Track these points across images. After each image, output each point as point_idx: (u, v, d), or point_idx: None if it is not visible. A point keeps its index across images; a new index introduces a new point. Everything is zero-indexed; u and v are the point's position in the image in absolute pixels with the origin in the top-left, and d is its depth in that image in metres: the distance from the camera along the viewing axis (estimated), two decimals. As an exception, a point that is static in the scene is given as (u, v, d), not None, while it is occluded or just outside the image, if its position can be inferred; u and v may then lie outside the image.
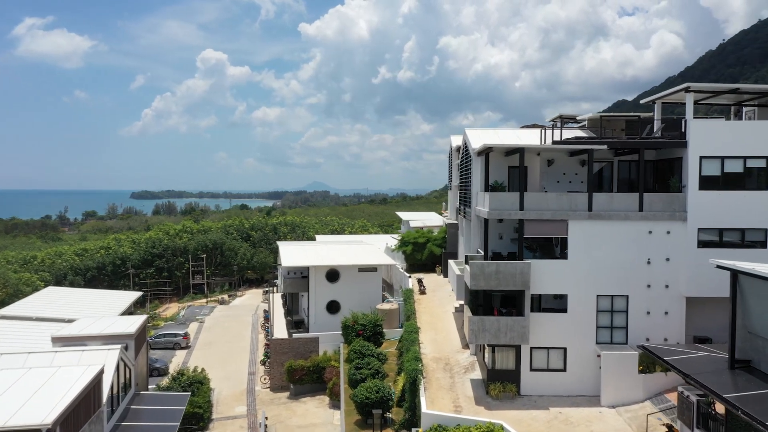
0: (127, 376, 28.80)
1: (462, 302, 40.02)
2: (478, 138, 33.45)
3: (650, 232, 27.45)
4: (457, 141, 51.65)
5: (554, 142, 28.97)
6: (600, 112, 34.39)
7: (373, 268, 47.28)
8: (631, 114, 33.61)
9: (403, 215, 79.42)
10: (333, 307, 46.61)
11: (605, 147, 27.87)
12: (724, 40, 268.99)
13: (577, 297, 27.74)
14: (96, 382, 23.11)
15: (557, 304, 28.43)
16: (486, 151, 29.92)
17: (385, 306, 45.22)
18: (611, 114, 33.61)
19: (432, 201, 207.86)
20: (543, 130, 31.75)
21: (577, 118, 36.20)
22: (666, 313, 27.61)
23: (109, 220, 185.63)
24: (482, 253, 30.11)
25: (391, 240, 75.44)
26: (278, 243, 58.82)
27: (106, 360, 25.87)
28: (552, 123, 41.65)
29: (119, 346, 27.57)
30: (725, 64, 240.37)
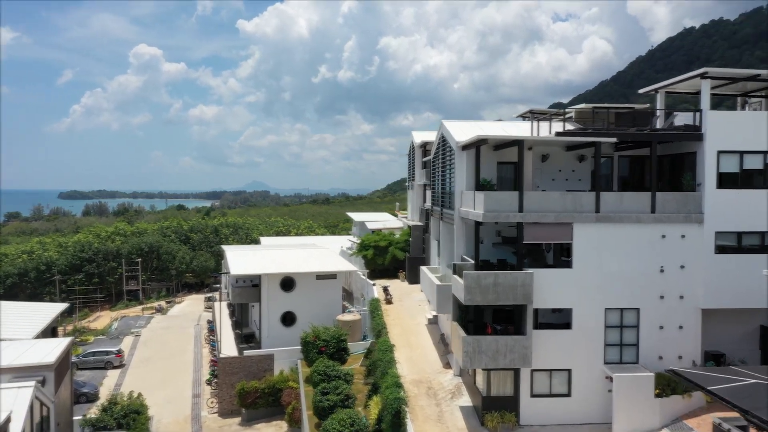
0: (45, 415, 23.12)
1: (435, 313, 35.89)
2: (461, 131, 29.27)
3: (663, 237, 23.94)
4: (422, 137, 47.59)
5: (558, 134, 25.11)
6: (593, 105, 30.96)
7: (332, 275, 42.56)
8: (625, 105, 30.22)
9: (355, 216, 74.81)
10: (288, 318, 41.60)
11: (614, 140, 24.19)
12: (652, 46, 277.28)
13: (582, 311, 23.93)
14: (0, 436, 17.62)
15: (560, 319, 24.62)
16: (477, 145, 25.76)
17: (347, 317, 40.55)
18: (603, 105, 30.09)
19: (375, 201, 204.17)
20: (537, 122, 27.95)
21: (567, 109, 32.62)
22: (680, 327, 24.16)
23: (34, 222, 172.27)
24: (471, 261, 25.94)
25: (347, 242, 70.84)
26: (223, 247, 53.16)
27: (16, 401, 20.24)
28: (523, 118, 38.14)
29: (34, 381, 21.90)
30: (654, 69, 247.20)
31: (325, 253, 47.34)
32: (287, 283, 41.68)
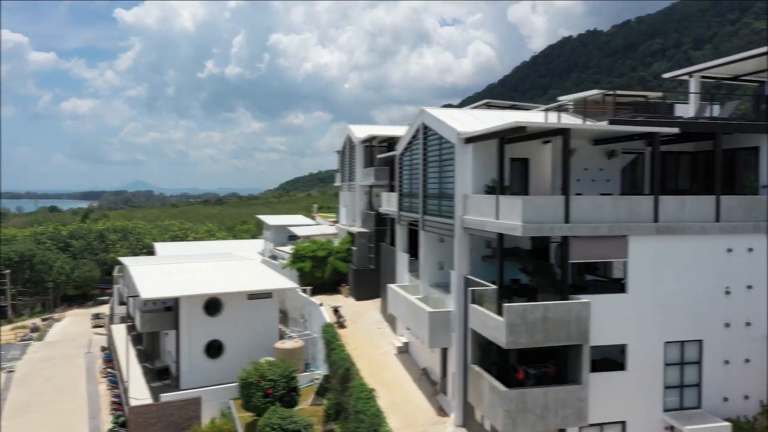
0: None
1: (405, 339, 29.62)
2: (457, 120, 23.21)
3: (729, 251, 19.19)
4: (365, 131, 41.19)
5: (611, 122, 19.64)
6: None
7: (266, 294, 34.95)
8: (639, 93, 25.57)
9: (269, 219, 66.37)
10: (214, 349, 33.47)
11: (676, 130, 19.06)
12: (535, 52, 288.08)
13: (639, 346, 18.63)
14: None
15: (597, 354, 19.18)
16: (502, 136, 19.70)
17: (288, 344, 33.28)
18: (617, 92, 25.22)
19: (272, 201, 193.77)
20: (558, 112, 22.53)
21: (560, 98, 27.60)
22: (747, 360, 19.51)
23: None
24: (491, 285, 19.89)
25: (260, 248, 62.86)
26: (123, 260, 43.55)
27: None
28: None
29: None
30: (537, 74, 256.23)
31: (254, 266, 39.54)
32: (212, 305, 33.56)
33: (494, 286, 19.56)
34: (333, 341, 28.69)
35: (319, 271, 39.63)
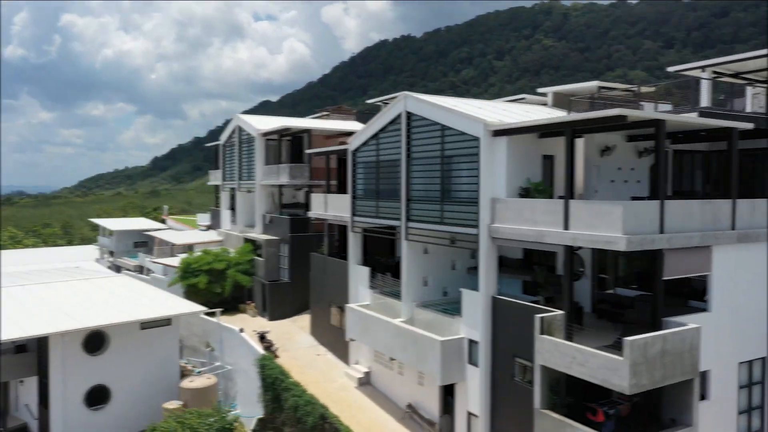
0: None
1: (364, 369, 24.74)
2: (466, 107, 19.05)
3: (788, 258, 17.70)
4: (263, 123, 35.36)
5: (702, 114, 16.77)
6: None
7: (165, 322, 27.43)
8: (630, 88, 23.61)
9: (107, 223, 55.73)
10: (98, 396, 25.33)
11: (751, 126, 16.81)
12: (354, 53, 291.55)
13: (720, 371, 16.24)
14: None
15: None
16: (573, 126, 15.87)
17: (197, 382, 26.34)
18: (613, 85, 23.01)
19: (75, 201, 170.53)
20: (598, 102, 19.40)
21: (539, 90, 24.77)
22: (798, 375, 18.28)
23: None
24: (558, 311, 16.12)
25: (94, 256, 52.57)
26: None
27: None
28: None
29: None
30: (356, 75, 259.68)
31: (137, 286, 31.21)
32: (95, 340, 25.32)
33: (561, 312, 15.85)
34: (284, 379, 22.73)
35: (218, 286, 32.55)
